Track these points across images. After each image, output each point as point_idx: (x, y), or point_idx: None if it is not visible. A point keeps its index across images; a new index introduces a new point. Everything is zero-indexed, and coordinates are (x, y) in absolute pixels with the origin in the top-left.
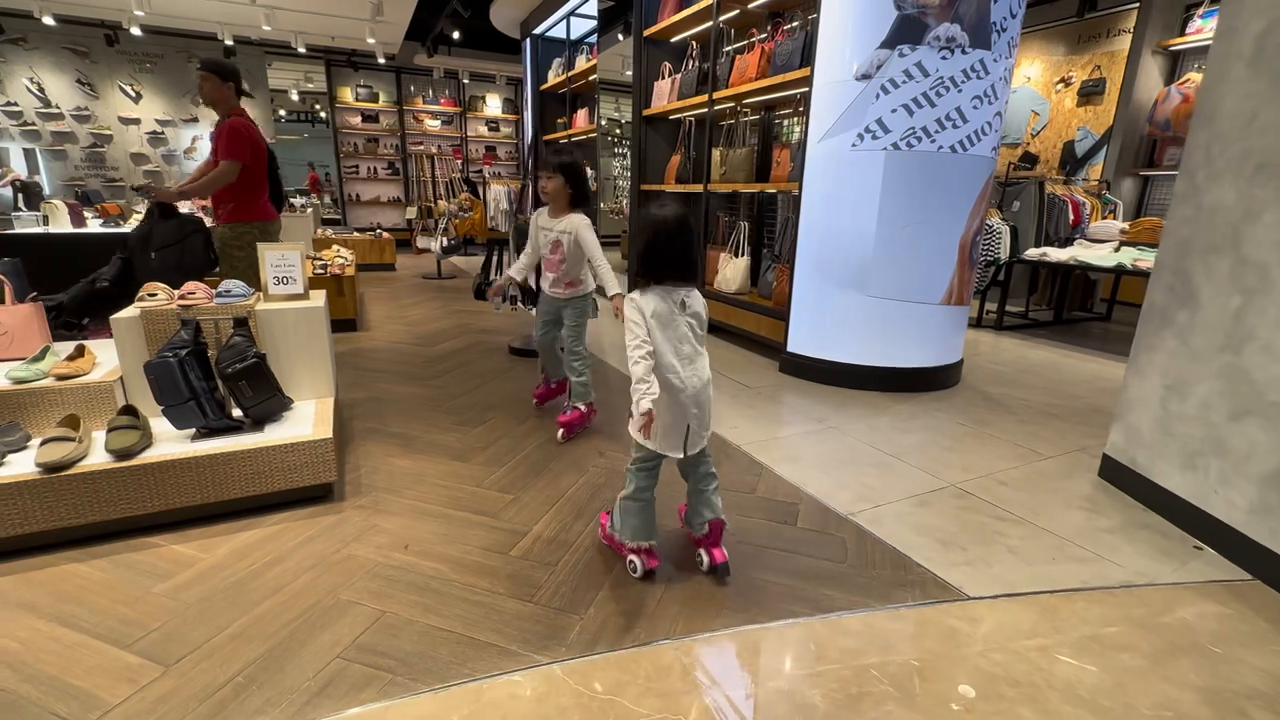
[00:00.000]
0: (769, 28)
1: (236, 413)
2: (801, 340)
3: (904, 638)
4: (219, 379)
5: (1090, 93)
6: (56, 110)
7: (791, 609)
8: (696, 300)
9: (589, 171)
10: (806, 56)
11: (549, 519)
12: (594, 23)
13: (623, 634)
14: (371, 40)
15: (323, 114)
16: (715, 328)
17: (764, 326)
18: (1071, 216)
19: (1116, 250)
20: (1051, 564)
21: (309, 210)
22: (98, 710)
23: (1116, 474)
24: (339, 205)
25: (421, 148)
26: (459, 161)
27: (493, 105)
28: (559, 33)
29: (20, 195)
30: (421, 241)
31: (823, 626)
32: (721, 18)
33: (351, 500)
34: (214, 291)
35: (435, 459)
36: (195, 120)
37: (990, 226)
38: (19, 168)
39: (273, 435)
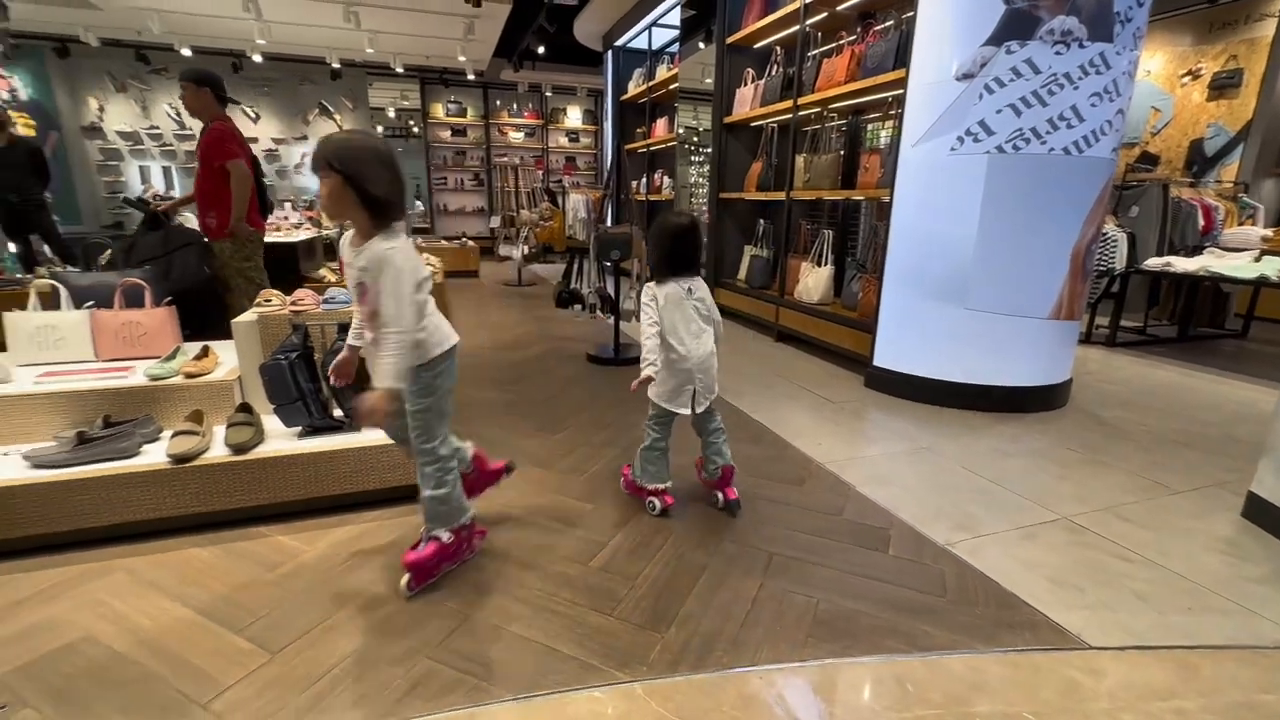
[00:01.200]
0: (859, 30)
1: (337, 413)
2: (889, 354)
3: (1015, 686)
4: (323, 381)
5: (1224, 85)
6: (189, 132)
7: (885, 643)
8: (701, 287)
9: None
10: (900, 58)
11: (628, 532)
12: (675, 32)
13: (705, 656)
14: (462, 58)
15: (415, 129)
16: (793, 338)
17: (848, 339)
18: (1202, 222)
19: (1257, 260)
20: (1187, 614)
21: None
22: (213, 690)
23: (1265, 515)
24: (428, 215)
25: (505, 159)
26: (540, 172)
27: (573, 117)
28: (640, 43)
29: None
30: (504, 250)
31: (922, 666)
32: (809, 21)
33: None
34: (320, 298)
35: (519, 464)
36: (305, 138)
37: (1106, 234)
38: (157, 183)
39: (369, 436)
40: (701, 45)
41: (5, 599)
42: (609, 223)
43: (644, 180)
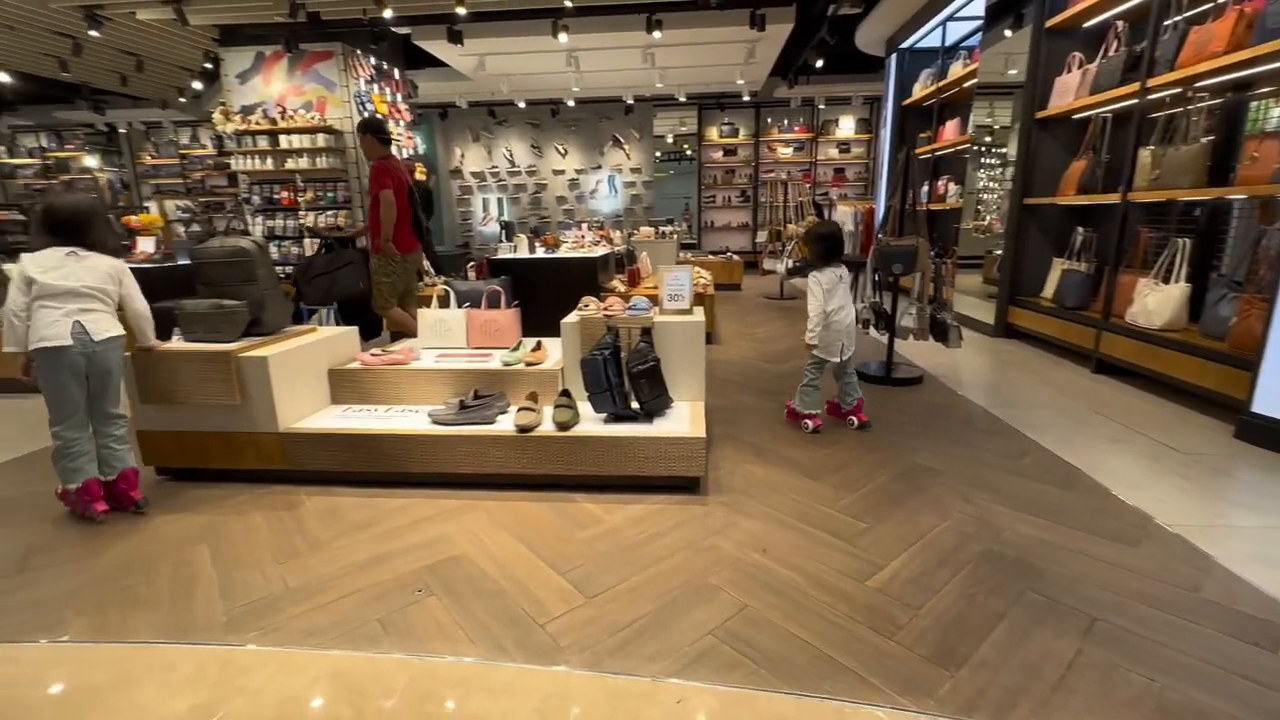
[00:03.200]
0: None
1: (634, 405)
2: (1279, 399)
3: None
4: (626, 376)
5: None
6: (517, 169)
7: None
8: (845, 271)
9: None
10: None
11: (908, 558)
12: (973, 25)
13: (1007, 710)
14: (740, 81)
15: (689, 152)
16: (1120, 370)
17: (1209, 375)
18: None
19: None
20: None
21: (674, 236)
22: (546, 616)
23: None
24: (693, 230)
25: (772, 175)
26: (807, 185)
27: (845, 127)
28: (930, 42)
29: (503, 232)
30: (768, 263)
31: None
32: None
33: (714, 495)
34: (627, 305)
35: (787, 472)
36: (599, 168)
37: None
38: (493, 212)
39: (660, 428)
40: (1008, 33)
41: (416, 515)
42: (888, 234)
43: (925, 188)
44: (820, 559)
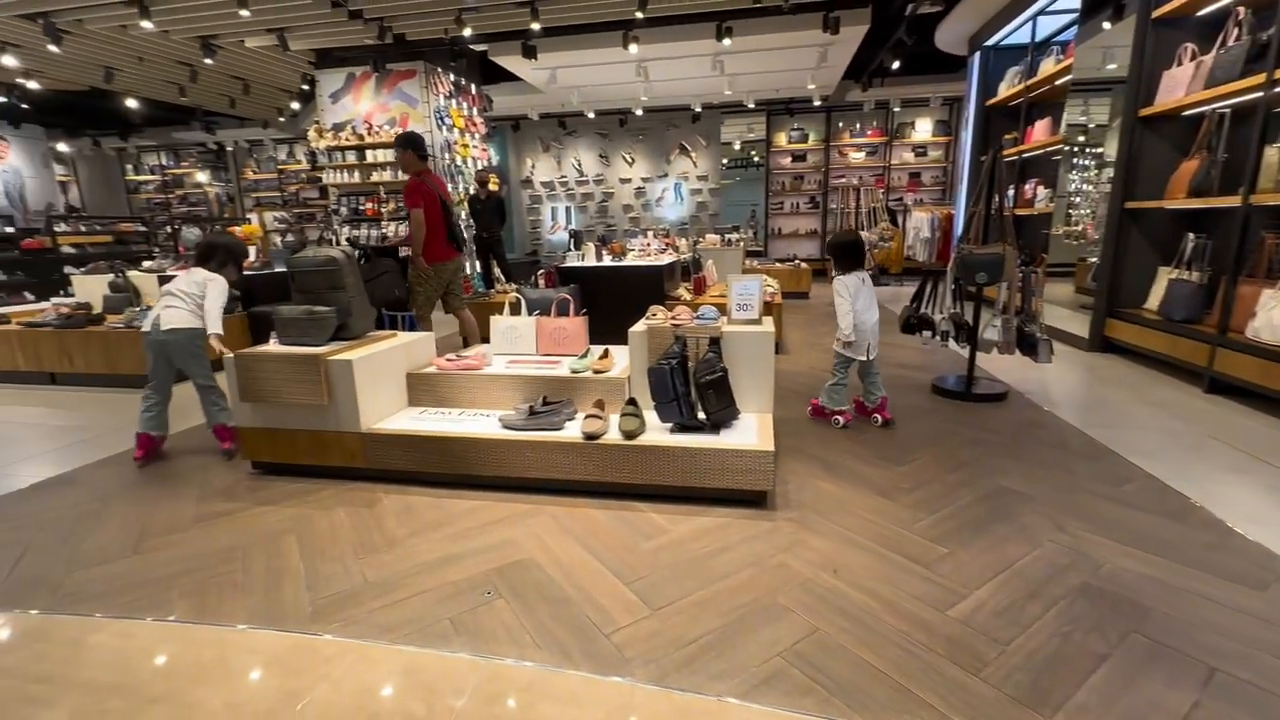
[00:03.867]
0: None
1: (701, 415)
2: None
3: None
4: (693, 386)
5: None
6: (585, 178)
7: None
8: (868, 276)
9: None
10: None
11: (994, 589)
12: (1068, 17)
13: None
14: (811, 85)
15: (756, 159)
16: (1239, 390)
17: None
18: None
19: None
20: None
21: (740, 243)
22: (611, 625)
23: None
24: (758, 238)
25: (843, 180)
26: (880, 190)
27: (922, 129)
28: (1018, 38)
29: (571, 240)
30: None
31: None
32: None
33: (782, 511)
34: (694, 314)
35: (858, 489)
36: (666, 175)
37: None
38: (561, 221)
39: (727, 439)
40: (1107, 25)
41: (485, 518)
42: (971, 241)
43: (1011, 193)
44: (896, 584)
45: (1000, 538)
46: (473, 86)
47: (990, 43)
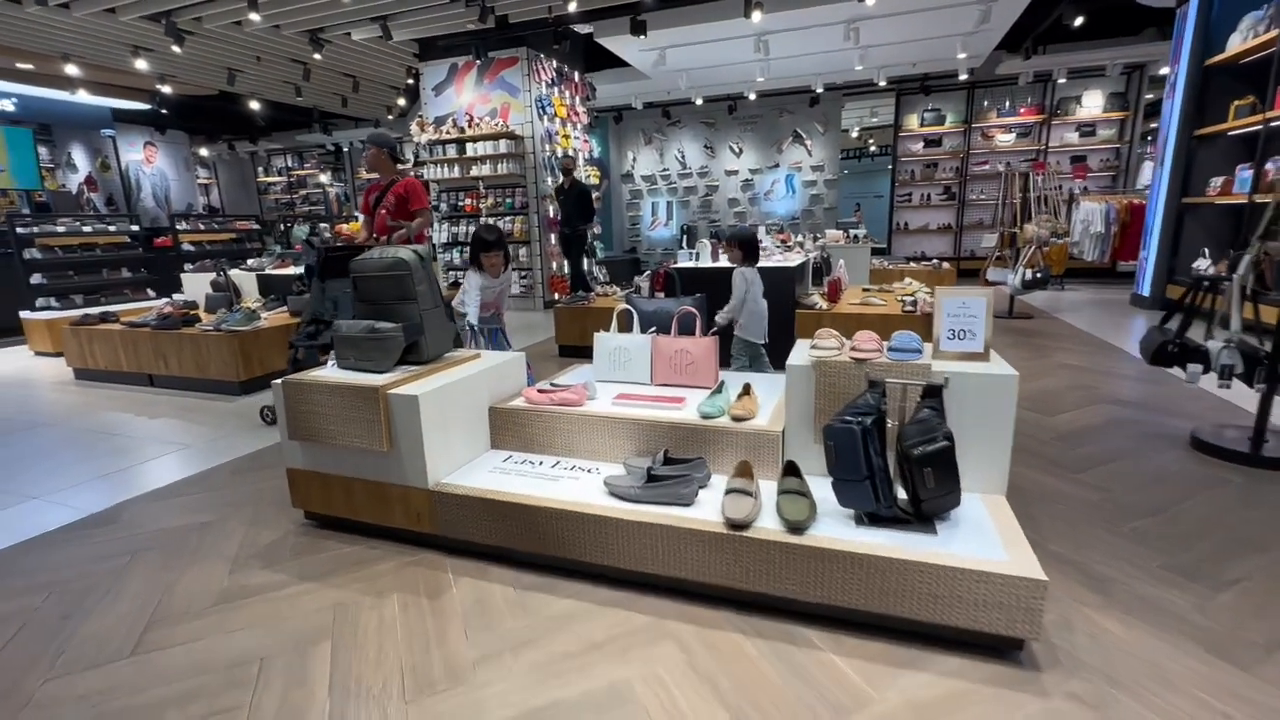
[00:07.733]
0: None
1: (900, 494)
2: None
3: None
4: (900, 458)
5: None
6: (688, 170)
7: None
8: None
9: None
10: None
11: None
12: None
13: None
14: (962, 54)
15: (873, 148)
16: None
17: None
18: None
19: None
20: None
21: (867, 240)
22: None
23: None
24: (885, 234)
25: (986, 167)
26: (1039, 177)
27: (1090, 105)
28: None
29: (684, 237)
30: (993, 274)
31: None
32: None
33: (1050, 672)
34: (885, 342)
35: (1168, 637)
36: (777, 166)
37: None
38: (662, 216)
39: (953, 546)
40: None
41: (584, 636)
42: (1261, 238)
43: (1249, 173)
44: None
45: None
46: (575, 74)
47: None
